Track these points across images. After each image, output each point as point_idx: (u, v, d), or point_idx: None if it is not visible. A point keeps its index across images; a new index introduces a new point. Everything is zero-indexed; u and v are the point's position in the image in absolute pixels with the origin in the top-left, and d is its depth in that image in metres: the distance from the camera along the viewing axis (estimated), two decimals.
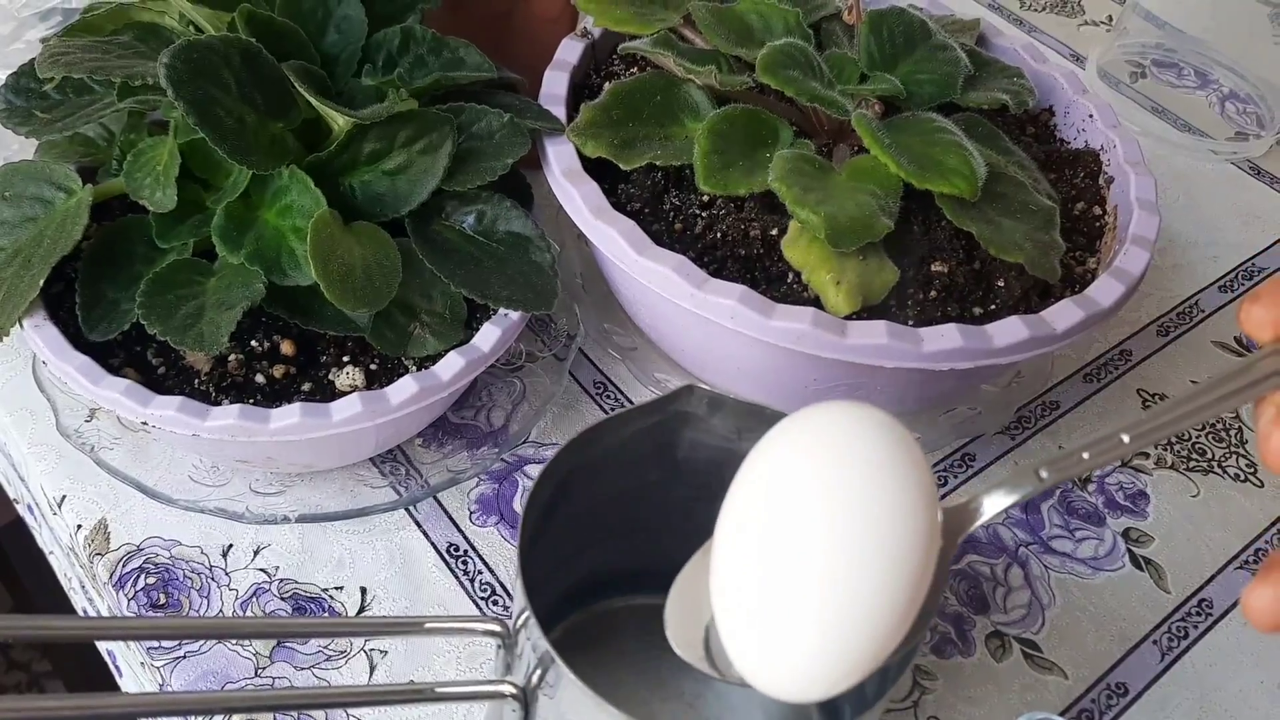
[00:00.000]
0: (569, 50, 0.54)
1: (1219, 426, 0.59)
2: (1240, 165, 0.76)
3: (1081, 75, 0.80)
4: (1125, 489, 0.56)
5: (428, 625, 0.34)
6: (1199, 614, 0.51)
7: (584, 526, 0.41)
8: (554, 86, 0.52)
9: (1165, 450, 0.57)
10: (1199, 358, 0.63)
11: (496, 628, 0.34)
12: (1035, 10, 0.87)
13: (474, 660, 0.46)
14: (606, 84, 0.52)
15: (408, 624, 0.34)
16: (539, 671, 0.33)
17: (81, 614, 0.57)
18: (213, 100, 0.41)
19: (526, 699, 0.34)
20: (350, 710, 0.43)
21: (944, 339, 0.43)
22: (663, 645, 0.45)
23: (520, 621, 0.33)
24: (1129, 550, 0.53)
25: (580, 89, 0.54)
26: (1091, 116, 0.55)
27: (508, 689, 0.33)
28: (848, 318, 0.44)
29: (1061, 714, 0.47)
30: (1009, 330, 0.44)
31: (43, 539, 0.61)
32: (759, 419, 0.38)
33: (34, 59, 0.43)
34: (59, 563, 0.60)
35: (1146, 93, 0.80)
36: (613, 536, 0.43)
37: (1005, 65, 0.56)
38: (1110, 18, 0.87)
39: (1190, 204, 0.72)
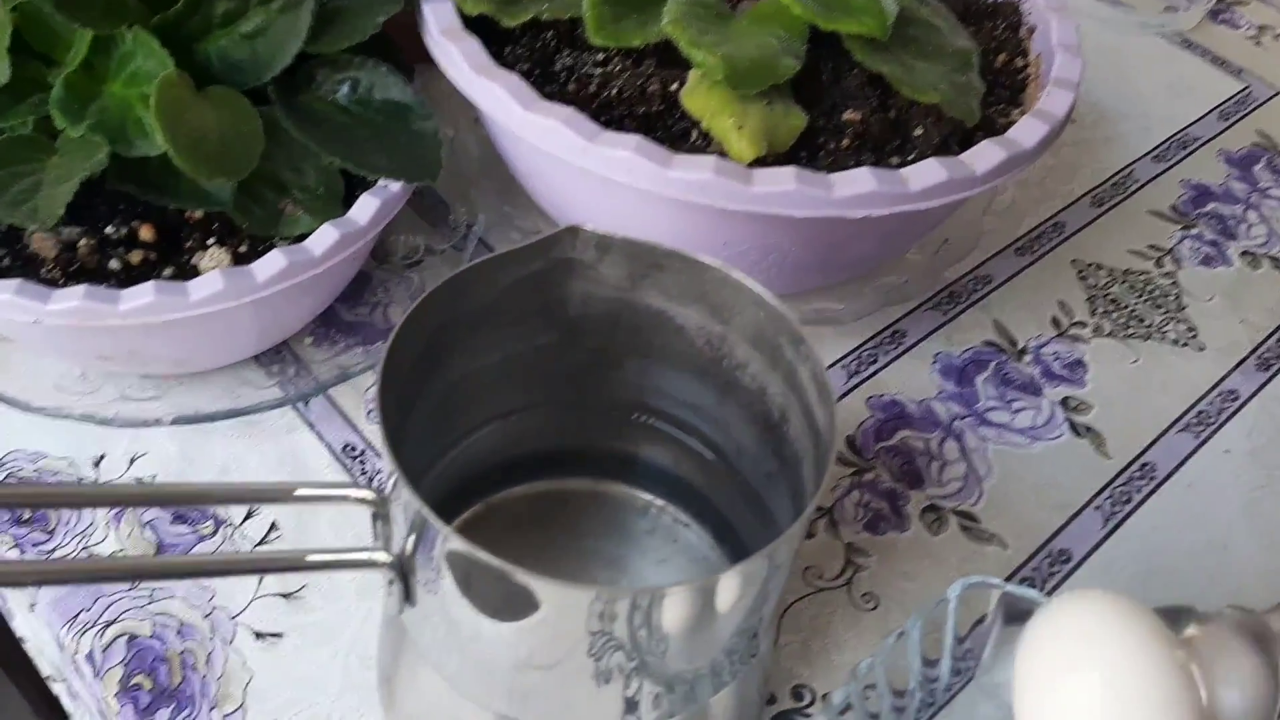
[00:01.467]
0: None
1: (1156, 292, 0.57)
2: (1169, 39, 0.73)
3: None
4: (1062, 358, 0.53)
5: (297, 492, 0.31)
6: (1141, 478, 0.49)
7: (468, 399, 0.37)
8: None
9: (1102, 318, 0.55)
10: (1134, 226, 0.60)
11: (369, 495, 0.31)
12: None
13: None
14: None
15: (276, 492, 0.31)
16: (414, 536, 0.29)
17: None
18: None
19: (404, 569, 0.30)
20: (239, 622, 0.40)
21: (856, 183, 0.40)
22: (572, 532, 0.42)
23: (390, 485, 0.30)
24: (1068, 419, 0.51)
25: None
26: None
27: (381, 556, 0.30)
28: (755, 167, 0.41)
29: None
30: (926, 173, 0.41)
31: None
32: (652, 260, 0.34)
33: None
34: None
35: None
36: (505, 412, 0.39)
37: None
38: None
39: (1120, 78, 0.70)
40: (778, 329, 0.34)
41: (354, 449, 0.46)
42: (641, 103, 0.44)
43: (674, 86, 0.44)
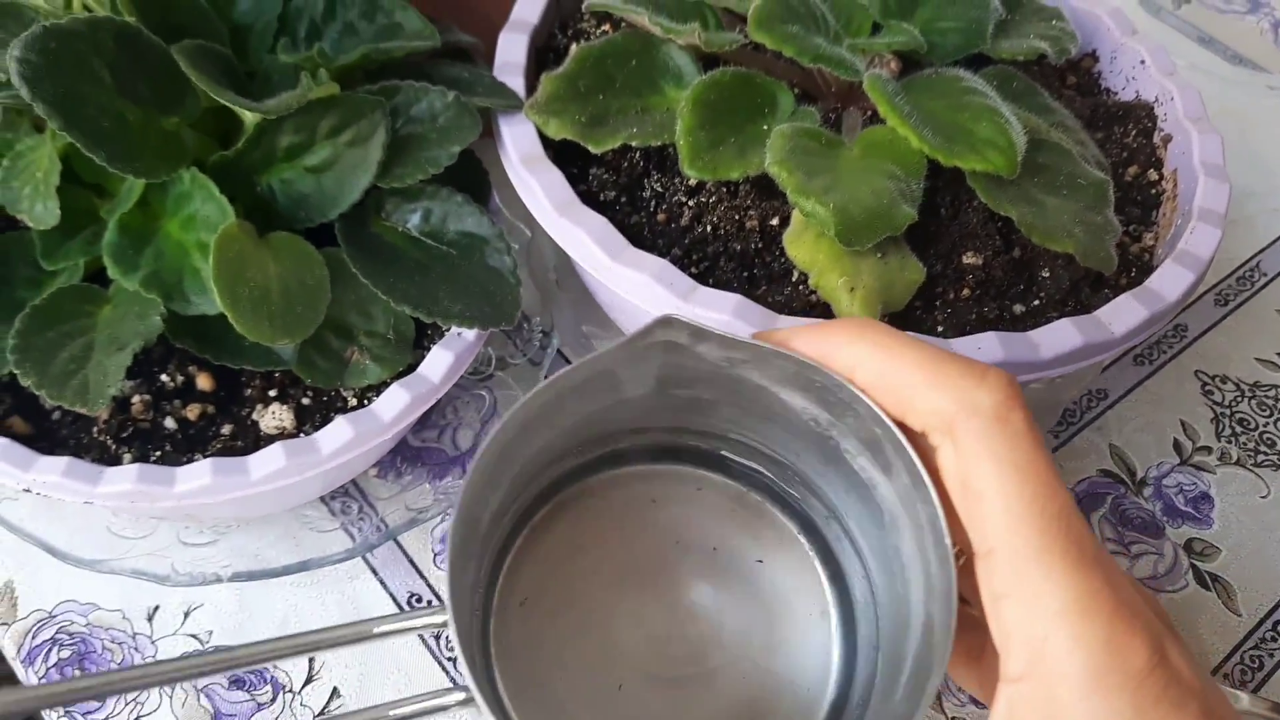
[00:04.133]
0: (528, 7, 0.46)
1: None
2: None
3: (1123, 3, 0.71)
4: (1186, 491, 0.49)
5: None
6: (1274, 639, 0.45)
7: (548, 451, 0.35)
8: (511, 53, 0.44)
9: (1229, 443, 0.50)
10: (1262, 330, 0.55)
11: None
12: None
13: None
14: (573, 46, 0.45)
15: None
16: None
17: None
18: (80, 98, 0.34)
19: None
20: None
21: (981, 351, 0.36)
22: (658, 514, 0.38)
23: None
24: (1192, 565, 0.46)
25: (544, 52, 0.46)
26: (1143, 63, 0.47)
27: None
28: None
29: None
30: (1059, 337, 0.37)
31: None
32: (755, 354, 0.31)
33: None
34: None
35: (1192, 20, 0.71)
36: (585, 444, 0.37)
37: (1041, 5, 0.47)
38: None
39: (1245, 147, 0.64)
40: (898, 455, 0.29)
41: (420, 599, 0.43)
42: (738, 239, 0.40)
43: (774, 222, 0.40)
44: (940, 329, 0.38)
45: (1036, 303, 0.40)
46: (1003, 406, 0.26)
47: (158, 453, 0.37)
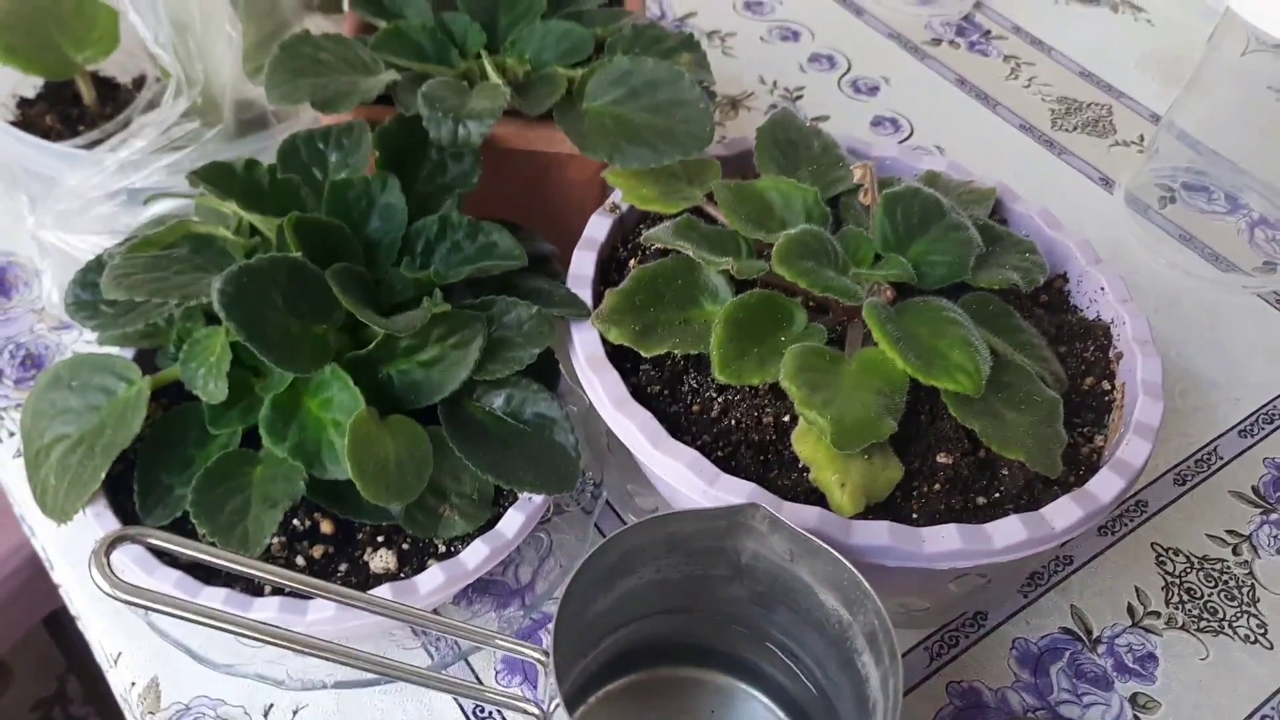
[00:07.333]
0: (597, 227, 0.56)
1: (1231, 583, 0.60)
2: (1267, 298, 0.76)
3: (1109, 199, 0.81)
4: (1135, 650, 0.57)
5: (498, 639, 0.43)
6: None
7: (625, 604, 0.45)
8: (582, 266, 0.55)
9: (1176, 609, 0.59)
10: (1214, 509, 0.64)
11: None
12: (1066, 130, 0.88)
13: None
14: (632, 260, 0.55)
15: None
16: None
17: None
18: (261, 318, 0.44)
19: None
20: None
21: (944, 540, 0.45)
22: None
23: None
24: (1135, 717, 0.54)
25: (608, 262, 0.57)
26: (1103, 289, 0.57)
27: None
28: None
29: None
30: (1008, 531, 0.46)
31: None
32: (807, 547, 0.42)
33: (100, 264, 0.47)
34: None
35: (1175, 219, 0.81)
36: (653, 613, 0.48)
37: (1018, 239, 0.58)
38: (1142, 137, 0.88)
39: (1215, 341, 0.73)
40: (884, 640, 0.40)
41: (483, 710, 0.52)
42: (756, 431, 0.50)
43: (786, 419, 0.50)
44: (915, 516, 0.47)
45: (997, 495, 0.49)
46: None
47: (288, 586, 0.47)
